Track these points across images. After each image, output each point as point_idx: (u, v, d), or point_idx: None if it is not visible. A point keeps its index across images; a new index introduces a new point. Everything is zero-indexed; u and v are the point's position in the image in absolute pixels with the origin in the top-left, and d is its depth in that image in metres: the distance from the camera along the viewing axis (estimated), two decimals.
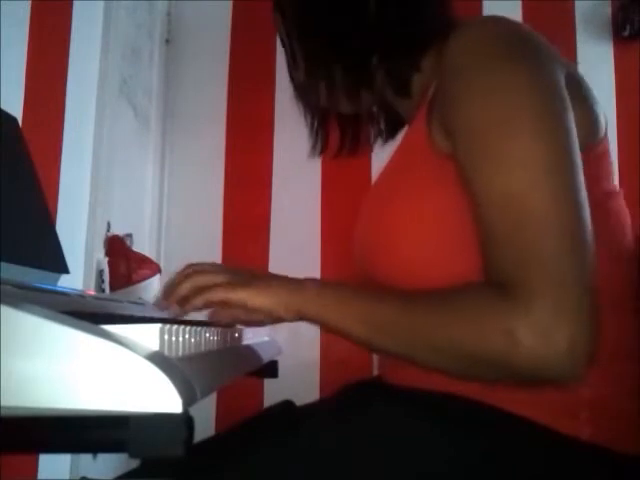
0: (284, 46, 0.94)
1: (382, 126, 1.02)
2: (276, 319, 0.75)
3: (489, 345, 0.64)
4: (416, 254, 0.76)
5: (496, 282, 0.66)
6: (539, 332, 0.62)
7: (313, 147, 1.01)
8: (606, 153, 0.79)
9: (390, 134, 1.03)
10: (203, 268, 0.79)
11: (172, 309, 0.76)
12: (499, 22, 0.75)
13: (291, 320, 0.75)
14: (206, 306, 0.75)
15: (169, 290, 0.77)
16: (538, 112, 0.68)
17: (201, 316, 0.78)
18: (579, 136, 0.70)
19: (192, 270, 0.78)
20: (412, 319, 0.69)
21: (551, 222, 0.65)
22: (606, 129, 0.79)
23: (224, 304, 0.75)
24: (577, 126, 0.70)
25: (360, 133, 1.02)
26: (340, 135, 1.02)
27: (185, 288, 0.76)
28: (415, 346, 0.69)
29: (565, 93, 0.71)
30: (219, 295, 0.74)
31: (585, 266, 0.65)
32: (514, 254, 0.65)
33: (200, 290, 0.75)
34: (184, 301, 0.75)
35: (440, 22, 0.85)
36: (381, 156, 0.95)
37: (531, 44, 0.74)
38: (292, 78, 0.95)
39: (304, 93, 0.96)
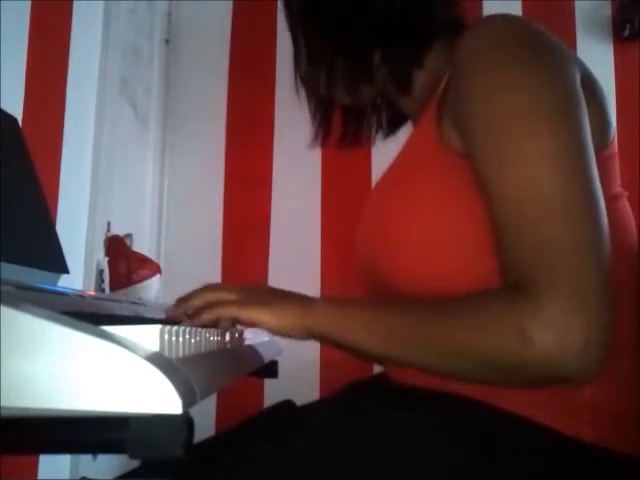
0: (289, 30, 0.93)
1: (383, 121, 1.02)
2: (285, 336, 0.76)
3: (502, 346, 0.63)
4: (423, 257, 0.75)
5: (511, 282, 0.66)
6: (553, 331, 0.61)
7: (314, 137, 0.99)
8: (614, 155, 0.78)
9: (391, 129, 1.02)
10: (217, 286, 0.81)
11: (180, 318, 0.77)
12: (513, 20, 0.74)
13: (302, 339, 0.76)
14: (216, 321, 0.75)
15: (180, 301, 0.80)
16: (555, 111, 0.68)
17: None
18: (591, 137, 0.70)
19: (205, 286, 0.80)
20: (425, 327, 0.69)
21: (567, 220, 0.64)
22: (614, 131, 0.79)
23: (234, 321, 0.76)
24: (590, 127, 0.70)
25: (362, 125, 1.01)
26: (342, 126, 1.01)
27: (196, 301, 0.78)
28: (430, 354, 0.69)
29: (580, 92, 0.71)
30: (230, 312, 0.75)
31: (602, 264, 0.64)
32: (529, 252, 0.65)
33: (211, 305, 0.76)
34: (195, 314, 0.76)
35: (445, 20, 0.86)
36: (381, 156, 0.95)
37: (547, 43, 0.73)
38: (295, 64, 0.94)
39: (306, 81, 0.95)
